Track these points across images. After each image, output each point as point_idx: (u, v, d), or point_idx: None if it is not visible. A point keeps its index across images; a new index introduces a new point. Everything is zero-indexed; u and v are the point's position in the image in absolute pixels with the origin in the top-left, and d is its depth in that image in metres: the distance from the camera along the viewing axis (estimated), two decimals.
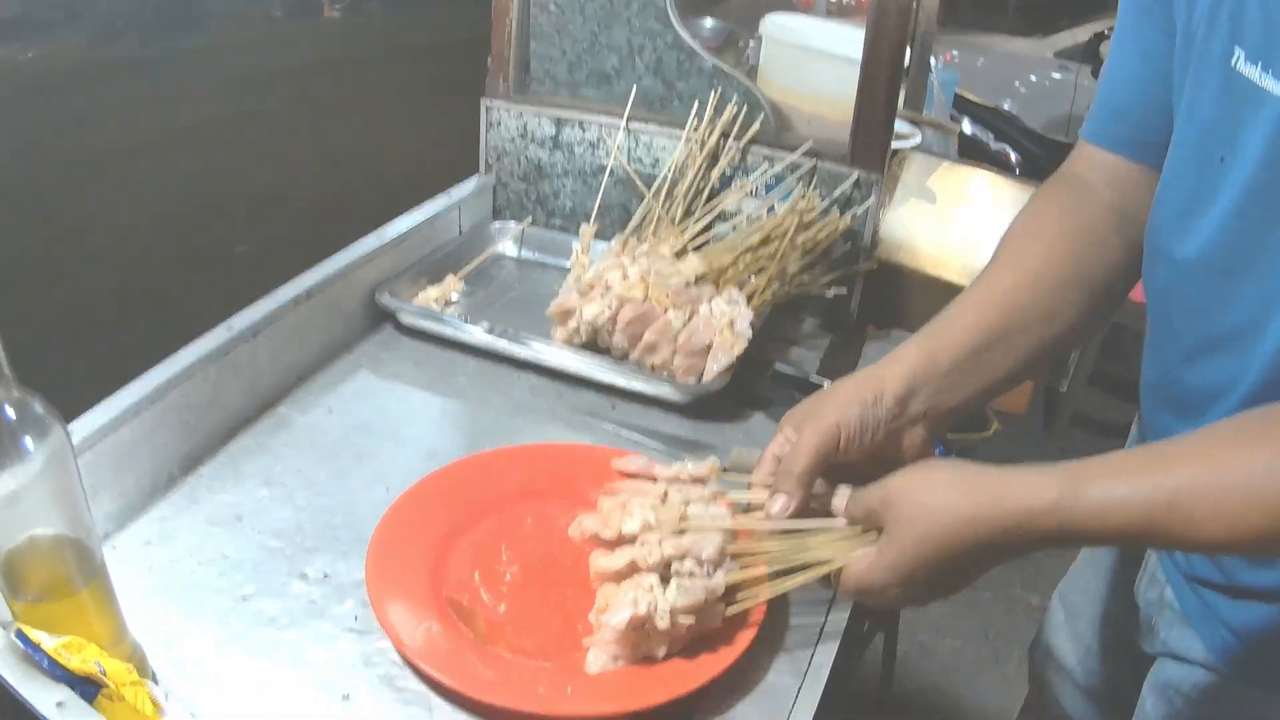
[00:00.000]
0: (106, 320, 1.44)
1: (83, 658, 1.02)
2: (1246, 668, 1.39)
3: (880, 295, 2.13)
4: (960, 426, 1.39)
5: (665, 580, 1.24)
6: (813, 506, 1.30)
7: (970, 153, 4.81)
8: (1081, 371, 4.23)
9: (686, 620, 1.21)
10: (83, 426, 1.37)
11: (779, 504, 1.29)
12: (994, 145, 5.15)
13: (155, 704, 1.06)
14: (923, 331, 1.38)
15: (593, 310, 1.80)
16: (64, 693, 1.01)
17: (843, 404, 1.30)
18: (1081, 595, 1.86)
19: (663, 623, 1.20)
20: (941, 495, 1.12)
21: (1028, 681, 2.16)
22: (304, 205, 1.87)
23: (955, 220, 2.28)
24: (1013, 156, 5.03)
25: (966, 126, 5.06)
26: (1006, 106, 5.34)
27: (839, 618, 1.37)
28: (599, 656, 1.23)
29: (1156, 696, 1.57)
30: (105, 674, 1.02)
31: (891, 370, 1.33)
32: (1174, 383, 1.33)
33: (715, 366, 1.76)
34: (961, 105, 5.01)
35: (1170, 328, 1.31)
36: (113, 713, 1.02)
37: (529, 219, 2.32)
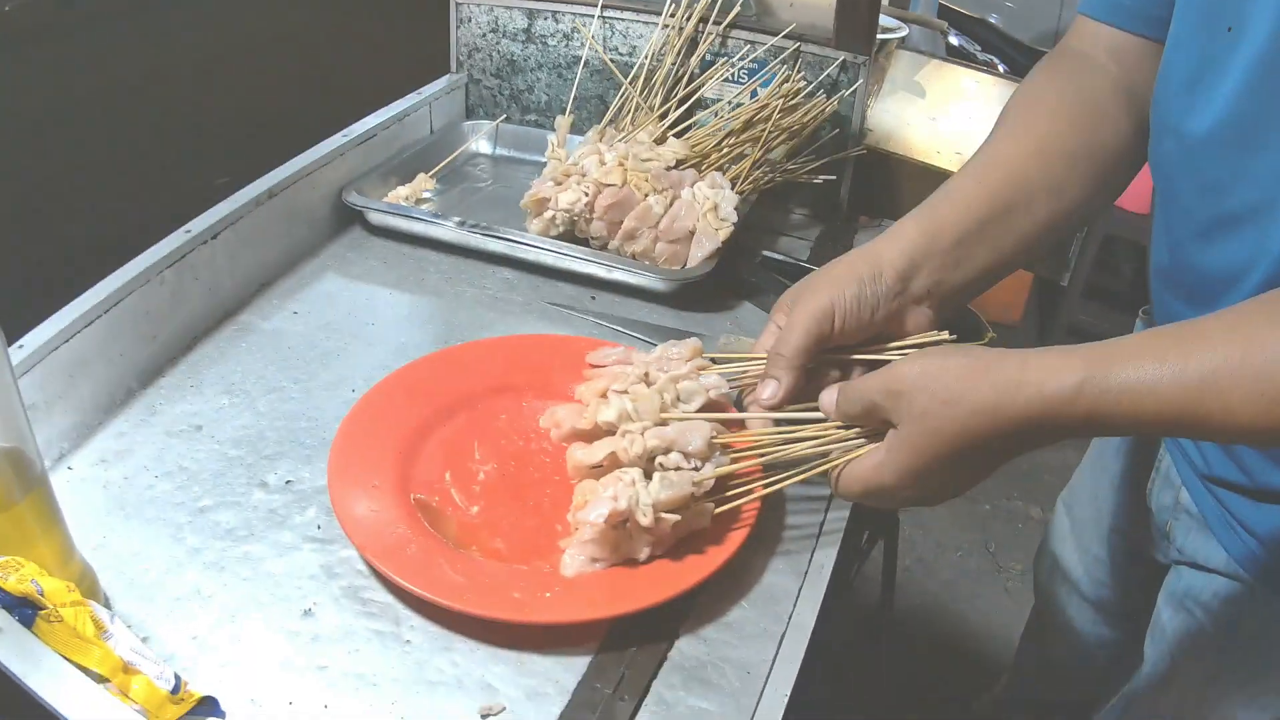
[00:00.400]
0: (86, 261, 1.37)
1: (20, 576, 0.94)
2: (1272, 575, 1.32)
3: (871, 184, 2.06)
4: (955, 335, 1.30)
5: (648, 476, 1.16)
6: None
7: None
8: (1077, 280, 4.18)
9: (671, 518, 1.13)
10: (33, 339, 1.28)
11: (768, 389, 1.20)
12: (981, 56, 5.08)
13: (98, 625, 0.97)
14: (922, 206, 1.28)
15: (569, 197, 1.73)
16: (1, 617, 0.92)
17: (837, 280, 1.21)
18: (1088, 503, 1.81)
19: (645, 519, 1.11)
20: (956, 385, 1.01)
21: (1034, 594, 2.12)
22: (284, 134, 1.80)
23: (946, 113, 2.23)
24: (1001, 68, 4.95)
25: (953, 38, 4.99)
26: (993, 20, 5.25)
27: (839, 516, 1.30)
28: (575, 558, 1.15)
29: (1173, 608, 1.51)
30: (43, 594, 0.94)
31: (890, 246, 1.23)
32: (1186, 267, 1.23)
33: (699, 253, 1.69)
34: (948, 16, 4.93)
35: (1180, 207, 1.22)
36: (51, 636, 0.93)
37: (503, 116, 2.25)
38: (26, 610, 0.93)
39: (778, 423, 1.22)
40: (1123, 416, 0.94)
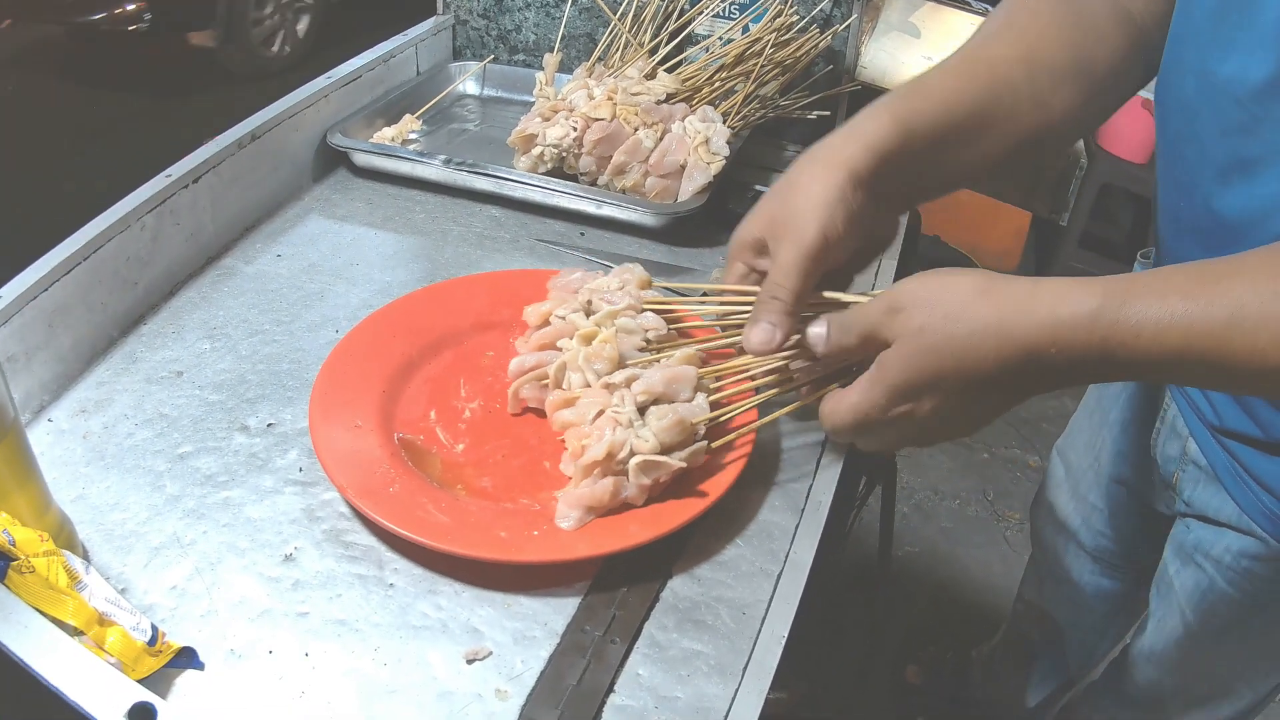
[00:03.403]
0: (79, 222, 1.36)
1: None
2: None
3: None
4: None
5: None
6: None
7: None
8: (1074, 228, 4.16)
9: (673, 463, 1.10)
10: (12, 289, 1.26)
11: (759, 334, 1.10)
12: (976, 4, 5.06)
13: (72, 575, 0.94)
14: (896, 96, 1.16)
15: (557, 132, 1.71)
16: None
17: (821, 204, 1.08)
18: (1085, 451, 1.78)
19: (646, 444, 1.09)
20: (961, 300, 0.93)
21: (1030, 542, 2.10)
22: (275, 88, 1.78)
23: (943, 52, 2.20)
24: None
25: None
26: None
27: (836, 451, 1.27)
28: (571, 511, 1.11)
29: (1181, 561, 1.49)
30: (15, 544, 0.91)
31: (861, 148, 1.10)
32: (1202, 211, 1.17)
33: (690, 187, 1.66)
34: None
35: (1197, 149, 1.14)
36: (23, 588, 0.91)
37: (491, 57, 2.22)
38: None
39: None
40: (1142, 352, 0.88)
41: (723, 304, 1.24)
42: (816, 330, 1.06)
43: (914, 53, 2.18)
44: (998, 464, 3.68)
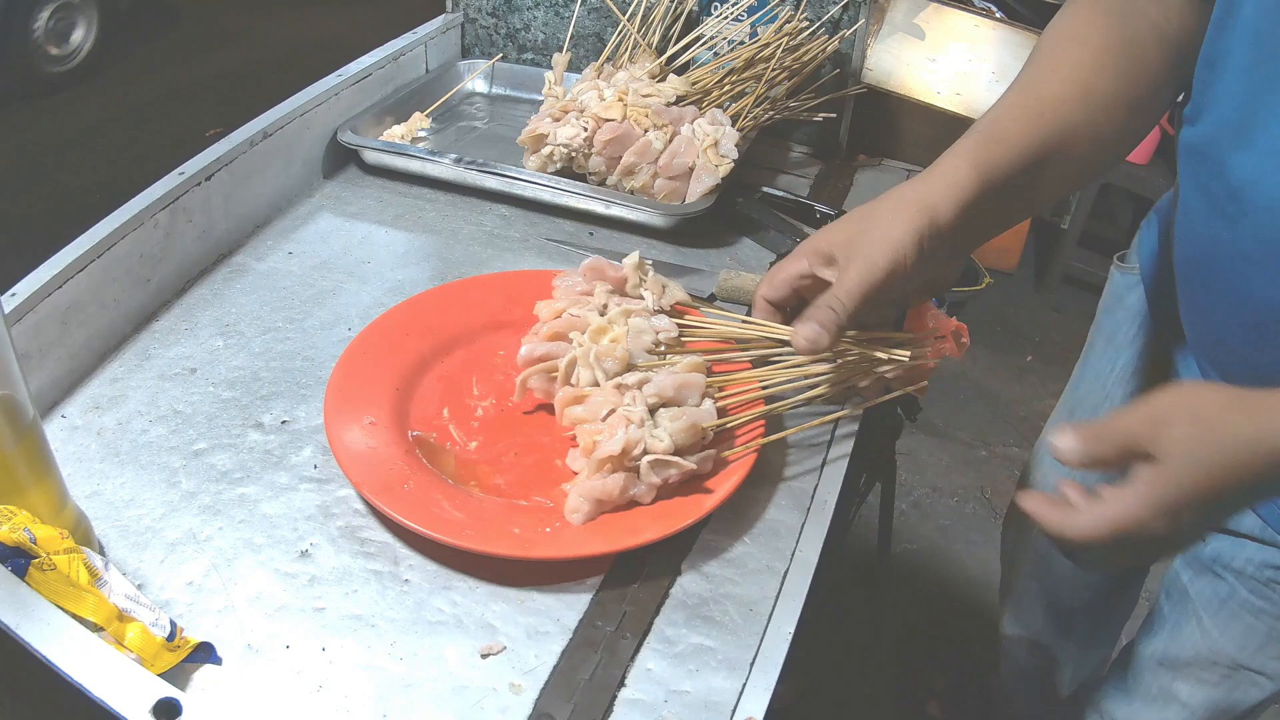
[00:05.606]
0: (82, 216, 1.36)
1: (12, 525, 0.92)
2: None
3: (870, 123, 2.04)
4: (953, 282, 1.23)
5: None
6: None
7: None
8: (1074, 228, 4.18)
9: (686, 465, 1.12)
10: (26, 286, 1.27)
11: (808, 332, 1.13)
12: (979, 4, 5.07)
13: (92, 572, 0.96)
14: (973, 144, 1.17)
15: (567, 132, 1.71)
16: None
17: (897, 241, 1.11)
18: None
19: (661, 443, 1.11)
20: (1222, 418, 0.93)
21: (999, 550, 2.11)
22: (275, 84, 1.79)
23: (946, 55, 2.21)
24: (996, 13, 4.93)
25: None
26: None
27: (841, 451, 1.29)
28: (581, 503, 1.12)
29: (1195, 571, 1.48)
30: (36, 542, 0.92)
31: (946, 195, 1.13)
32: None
33: (699, 189, 1.68)
34: None
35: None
36: (44, 585, 0.91)
37: (499, 55, 2.22)
38: (19, 560, 0.91)
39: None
40: None
41: (745, 326, 1.27)
42: (1066, 444, 1.01)
43: (918, 54, 2.18)
44: (995, 462, 3.69)
